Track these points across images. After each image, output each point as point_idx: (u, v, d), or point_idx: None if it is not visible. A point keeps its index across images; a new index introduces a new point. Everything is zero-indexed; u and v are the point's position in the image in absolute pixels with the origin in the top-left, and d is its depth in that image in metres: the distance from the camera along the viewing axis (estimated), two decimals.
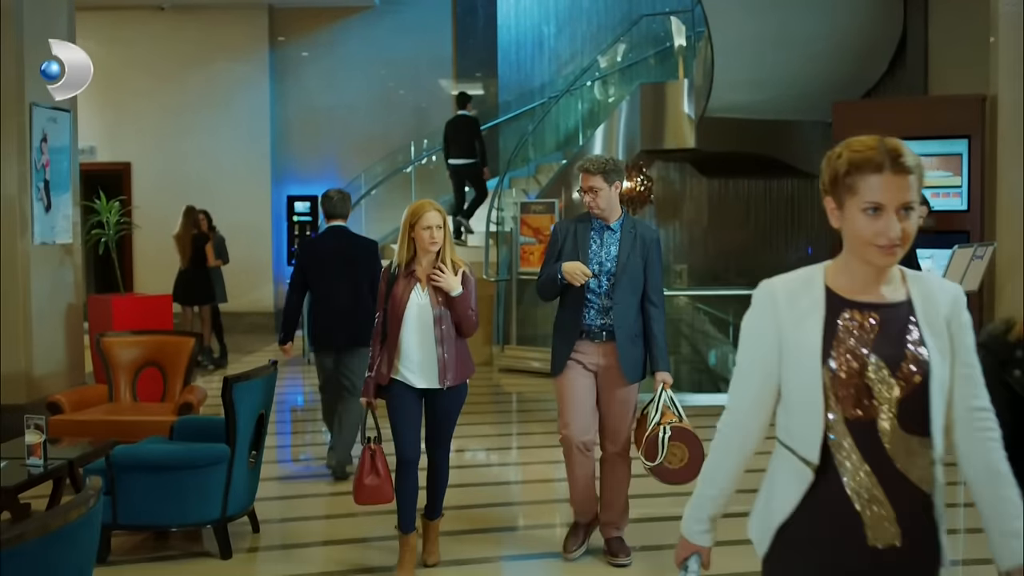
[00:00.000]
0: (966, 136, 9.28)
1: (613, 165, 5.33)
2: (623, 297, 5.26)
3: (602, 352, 5.31)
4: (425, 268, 5.20)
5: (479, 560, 5.60)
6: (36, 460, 5.65)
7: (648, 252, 5.34)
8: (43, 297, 8.56)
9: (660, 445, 5.04)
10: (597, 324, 5.30)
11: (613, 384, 5.34)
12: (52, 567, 2.86)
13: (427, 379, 5.15)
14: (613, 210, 5.36)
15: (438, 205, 5.22)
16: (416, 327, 5.14)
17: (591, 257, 5.31)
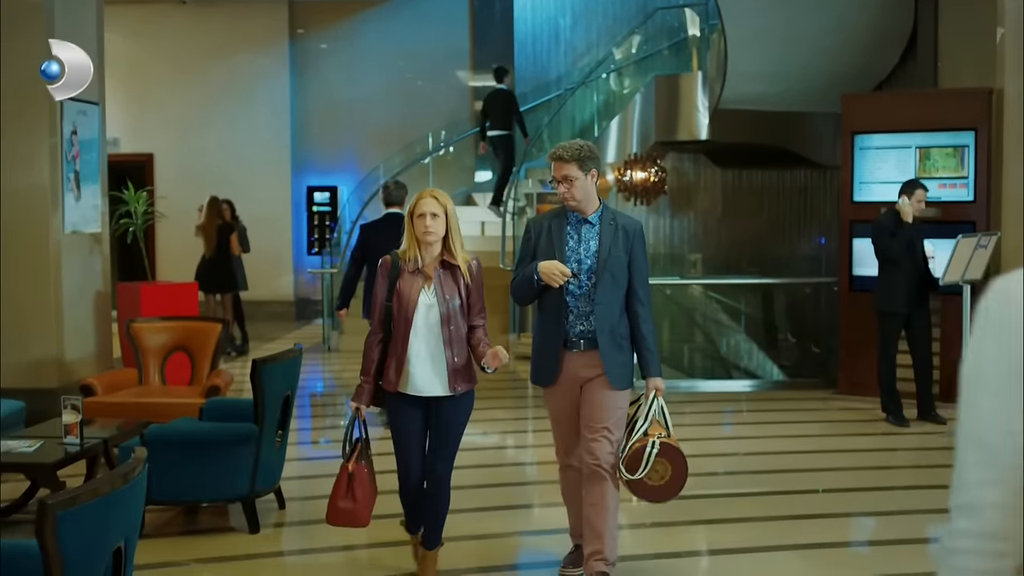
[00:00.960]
0: (973, 128, 9.46)
1: (589, 151, 4.81)
2: (605, 296, 4.77)
3: (583, 361, 4.81)
4: (430, 263, 4.80)
5: (496, 535, 5.85)
6: (73, 439, 5.91)
7: (632, 245, 4.84)
8: (73, 285, 8.83)
9: (645, 459, 4.67)
10: (576, 331, 4.81)
11: (598, 392, 4.81)
12: (104, 527, 3.12)
13: (434, 386, 4.74)
14: (590, 201, 4.84)
15: (439, 192, 4.83)
16: (424, 329, 4.73)
17: (568, 255, 4.80)
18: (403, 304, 4.75)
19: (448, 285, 4.77)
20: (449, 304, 4.74)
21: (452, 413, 4.81)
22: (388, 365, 4.81)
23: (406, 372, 4.74)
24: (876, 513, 6.52)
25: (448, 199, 4.83)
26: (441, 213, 4.74)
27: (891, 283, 8.62)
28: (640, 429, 4.76)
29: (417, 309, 4.73)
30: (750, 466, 7.58)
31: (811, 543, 5.81)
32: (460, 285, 4.78)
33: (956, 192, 9.51)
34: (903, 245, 8.47)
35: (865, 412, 9.17)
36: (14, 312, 8.52)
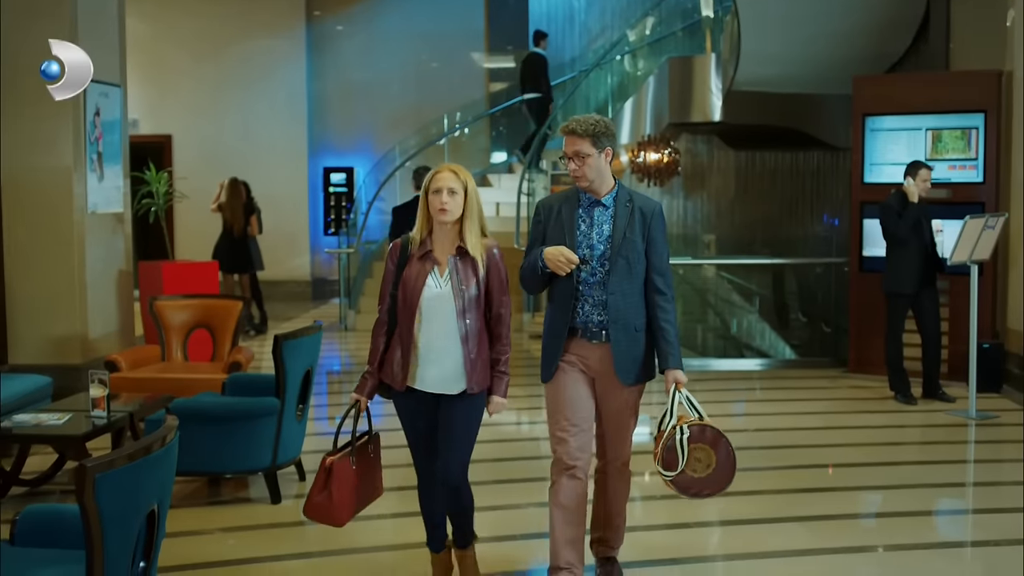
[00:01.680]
0: (983, 110, 9.55)
1: (604, 127, 4.39)
2: (619, 284, 4.40)
3: (600, 353, 4.47)
4: (445, 247, 4.38)
5: (511, 506, 6.02)
6: (100, 412, 6.09)
7: (650, 228, 4.44)
8: (97, 263, 9.00)
9: (680, 449, 4.26)
10: (595, 321, 4.44)
11: (615, 390, 4.50)
12: (138, 490, 3.30)
13: (445, 384, 4.35)
14: (603, 181, 4.44)
15: (460, 168, 4.40)
16: (433, 320, 4.31)
17: (579, 240, 4.43)
18: (408, 291, 4.34)
19: (465, 274, 4.33)
20: (465, 295, 4.32)
21: (464, 412, 4.39)
22: (391, 358, 4.40)
23: (413, 367, 4.35)
24: (882, 487, 6.66)
25: (470, 177, 4.39)
26: (460, 190, 4.30)
27: (899, 263, 8.73)
28: (668, 424, 4.38)
29: (423, 297, 4.31)
30: (760, 441, 7.72)
31: (818, 515, 5.96)
32: (478, 275, 4.35)
33: (965, 173, 9.61)
34: (909, 225, 8.58)
35: (874, 390, 9.30)
36: (40, 290, 8.71)
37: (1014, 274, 9.32)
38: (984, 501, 6.54)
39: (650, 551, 5.21)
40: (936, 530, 5.97)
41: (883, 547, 5.54)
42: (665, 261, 4.51)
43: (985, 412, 8.32)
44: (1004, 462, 7.33)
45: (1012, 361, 9.22)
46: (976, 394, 8.35)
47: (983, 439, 7.87)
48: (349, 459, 4.41)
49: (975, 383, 8.32)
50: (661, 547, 5.27)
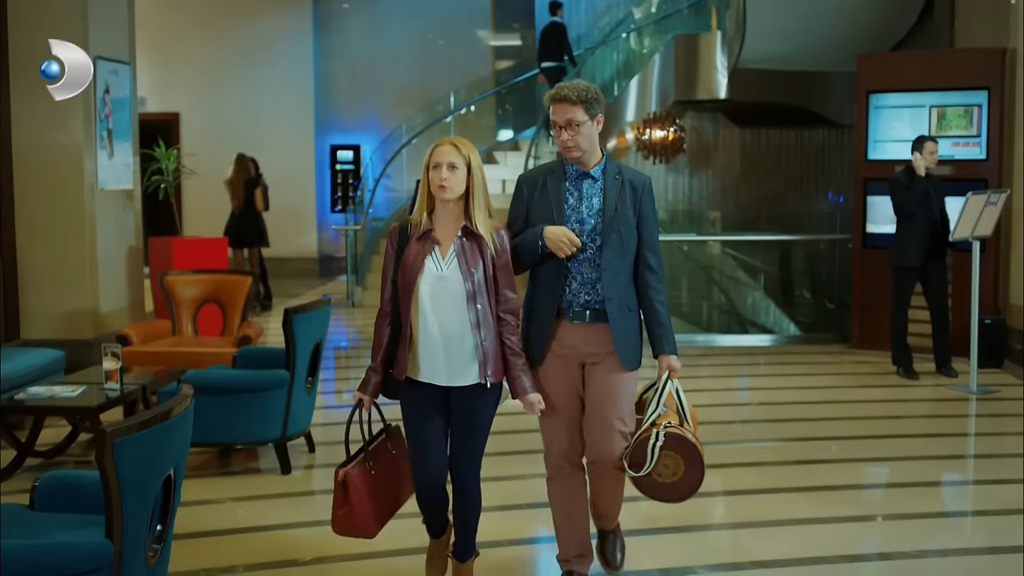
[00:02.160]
0: (986, 88, 9.60)
1: (595, 93, 4.14)
2: (613, 261, 4.13)
3: (586, 335, 4.17)
4: (448, 227, 4.07)
5: (517, 477, 6.12)
6: (113, 384, 6.20)
7: (641, 202, 4.19)
8: (107, 239, 9.09)
9: (650, 452, 4.05)
10: (581, 300, 4.16)
11: (606, 376, 4.19)
12: (156, 454, 3.40)
13: (455, 375, 4.04)
14: (593, 152, 4.18)
15: (462, 141, 4.08)
16: (436, 305, 4.00)
17: (568, 215, 4.15)
18: (406, 275, 4.03)
19: (473, 255, 4.02)
20: (475, 278, 4.00)
21: (478, 407, 4.09)
22: (399, 349, 4.10)
23: (415, 356, 4.05)
24: (883, 459, 6.76)
25: (473, 150, 4.07)
26: (462, 165, 4.00)
27: (906, 238, 8.79)
28: (649, 417, 4.15)
29: (422, 280, 4.00)
30: (763, 415, 7.82)
31: (820, 485, 6.06)
32: (486, 256, 4.04)
33: (969, 150, 9.66)
34: (917, 198, 8.64)
35: (877, 365, 9.39)
36: (51, 266, 8.80)
37: (1016, 250, 9.39)
38: (985, 472, 6.64)
39: (653, 520, 5.31)
40: (937, 500, 6.07)
41: (883, 516, 5.64)
42: (656, 237, 4.24)
43: (986, 387, 8.40)
44: (1005, 435, 7.42)
45: (1014, 336, 9.30)
46: (978, 369, 8.44)
47: (984, 413, 7.95)
48: (366, 465, 4.11)
49: (976, 358, 8.41)
50: (664, 516, 5.36)
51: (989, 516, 5.67)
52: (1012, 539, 5.16)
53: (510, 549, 5.03)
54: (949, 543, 5.25)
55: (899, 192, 8.73)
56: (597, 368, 4.20)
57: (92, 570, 3.23)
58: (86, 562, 3.23)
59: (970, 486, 6.41)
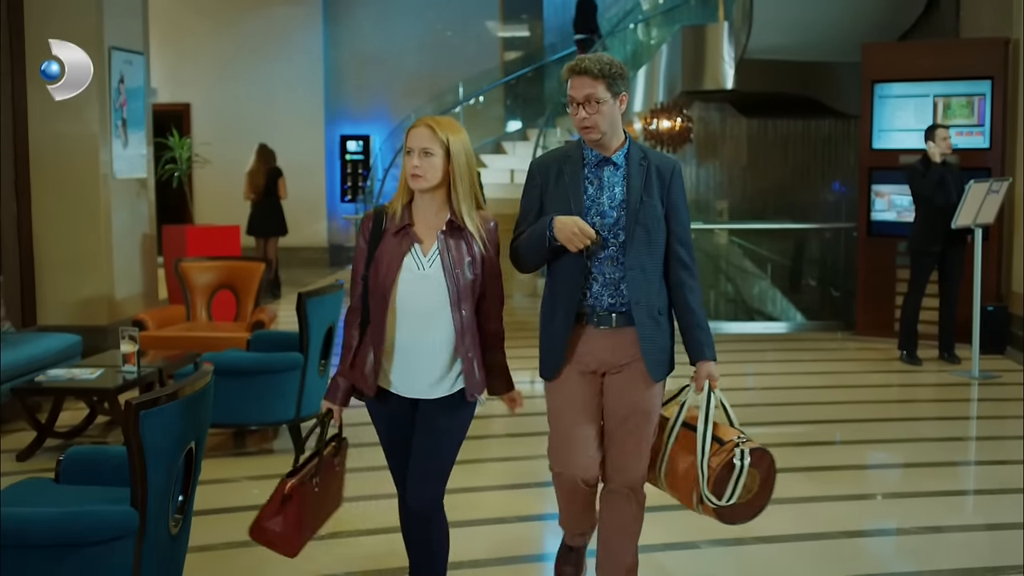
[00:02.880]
0: (989, 77, 9.70)
1: (619, 68, 3.64)
2: (639, 258, 3.66)
3: (612, 343, 3.72)
4: (429, 220, 3.59)
5: (525, 457, 6.25)
6: (131, 367, 6.37)
7: (669, 190, 3.71)
8: (122, 228, 9.24)
9: (735, 478, 3.62)
10: (605, 303, 3.70)
11: (629, 388, 3.74)
12: (179, 427, 3.54)
13: (429, 388, 3.58)
14: (616, 134, 3.70)
15: (441, 120, 3.58)
16: (414, 310, 3.54)
17: (588, 206, 3.68)
18: (380, 276, 3.55)
19: (459, 253, 3.55)
20: (461, 280, 3.54)
21: (453, 421, 3.63)
22: (362, 356, 3.62)
23: (386, 368, 3.60)
24: (884, 440, 6.90)
25: (455, 130, 3.56)
26: (438, 150, 3.51)
27: (923, 223, 8.91)
28: (706, 439, 3.68)
29: (399, 281, 3.53)
30: (766, 399, 7.96)
31: (821, 466, 6.20)
32: (475, 254, 3.57)
33: (972, 139, 9.77)
34: (933, 184, 8.73)
35: (880, 352, 9.51)
36: (67, 254, 8.96)
37: (1018, 238, 9.50)
38: (985, 454, 6.78)
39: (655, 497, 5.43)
40: (937, 480, 6.18)
41: (883, 495, 5.78)
42: (688, 230, 3.78)
43: (988, 372, 8.52)
44: (1006, 418, 7.54)
45: (1016, 323, 9.40)
46: (980, 355, 8.55)
47: (986, 397, 8.08)
48: (312, 480, 3.62)
49: (978, 344, 8.52)
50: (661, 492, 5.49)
51: (988, 495, 5.81)
52: (1011, 516, 5.28)
53: (518, 526, 5.17)
54: (948, 520, 5.37)
55: (915, 179, 8.85)
56: (620, 378, 3.74)
57: (118, 537, 3.37)
58: (113, 529, 3.37)
59: (971, 467, 6.54)
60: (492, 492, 5.67)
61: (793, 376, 8.98)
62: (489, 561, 4.68)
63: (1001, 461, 6.35)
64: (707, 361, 3.74)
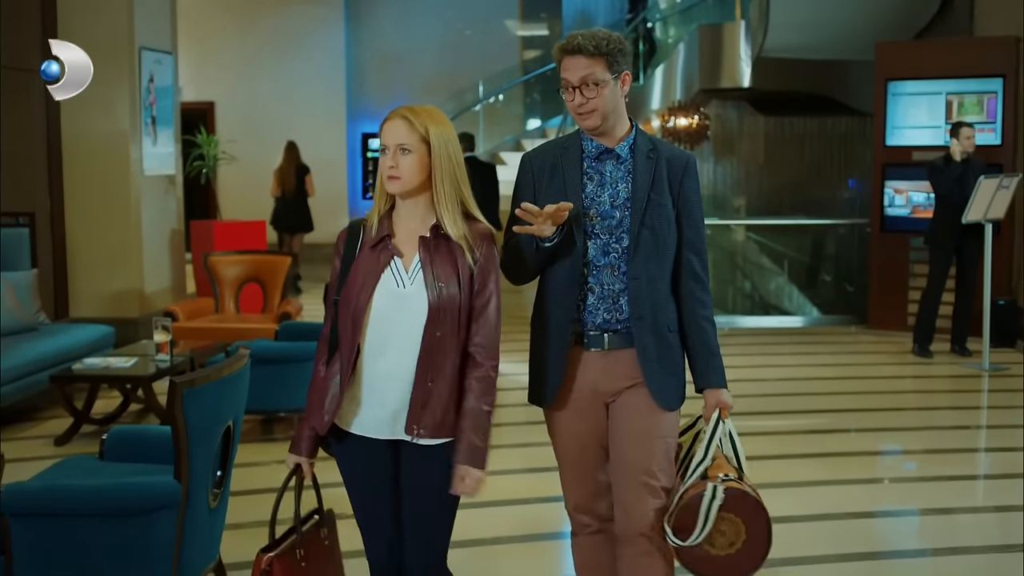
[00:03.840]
0: (1001, 75, 9.86)
1: (618, 43, 3.12)
2: (644, 265, 3.14)
3: (603, 368, 3.19)
4: (413, 230, 3.04)
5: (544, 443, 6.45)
6: (164, 356, 6.60)
7: (682, 188, 3.19)
8: (152, 223, 9.49)
9: (703, 514, 3.09)
10: (598, 320, 3.17)
11: (633, 416, 3.20)
12: (218, 406, 3.77)
13: (399, 425, 3.00)
14: (619, 121, 3.19)
15: (420, 110, 3.04)
16: (391, 334, 2.97)
17: (586, 206, 3.17)
18: (353, 293, 2.99)
19: (442, 265, 2.99)
20: (442, 295, 2.96)
21: (441, 475, 3.01)
22: (322, 387, 3.06)
23: (352, 399, 3.02)
24: (893, 429, 7.08)
25: (436, 119, 3.04)
26: (417, 146, 2.98)
27: (940, 218, 9.11)
28: (696, 469, 3.17)
29: (374, 300, 2.98)
30: (778, 389, 8.15)
31: (831, 452, 6.39)
32: (459, 267, 3.00)
33: (984, 136, 9.91)
34: (950, 181, 8.89)
35: (892, 345, 9.68)
36: (99, 248, 9.21)
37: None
38: (993, 442, 6.95)
39: None
40: (945, 465, 6.35)
41: (890, 479, 5.97)
42: (702, 234, 3.26)
43: (998, 364, 8.68)
44: (1016, 408, 7.69)
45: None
46: (990, 348, 8.71)
47: (996, 388, 8.24)
48: (295, 552, 3.10)
49: (988, 337, 8.68)
50: None
51: (995, 480, 6.00)
52: (1017, 499, 5.45)
53: (538, 507, 5.37)
54: (955, 502, 5.55)
55: (934, 176, 9.05)
56: (622, 406, 3.22)
57: (163, 507, 3.59)
58: (159, 499, 3.59)
59: (981, 453, 6.72)
60: (513, 475, 5.87)
61: (804, 368, 9.16)
62: (511, 539, 4.90)
63: (1009, 448, 6.52)
64: (716, 389, 3.23)
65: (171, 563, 3.63)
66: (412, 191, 3.01)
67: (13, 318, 7.30)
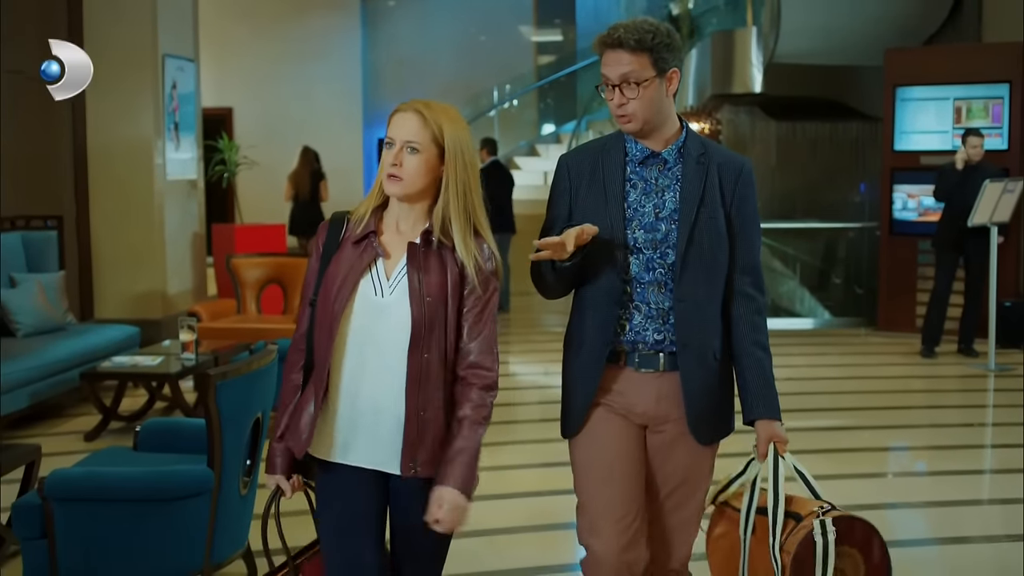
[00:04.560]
0: (1008, 81, 10.03)
1: (666, 37, 2.81)
2: (694, 286, 2.84)
3: (658, 391, 2.91)
4: (406, 232, 2.73)
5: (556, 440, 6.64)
6: (189, 355, 6.82)
7: (736, 199, 2.88)
8: (174, 226, 9.72)
9: (820, 558, 2.82)
10: (649, 339, 2.88)
11: (675, 452, 2.95)
12: (249, 398, 3.97)
13: (385, 456, 2.69)
14: (666, 122, 2.86)
15: (434, 106, 2.70)
16: (372, 347, 2.67)
17: (629, 216, 2.85)
18: (329, 296, 2.70)
19: (428, 275, 2.67)
20: (426, 310, 2.64)
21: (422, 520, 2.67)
22: (299, 406, 2.74)
23: (327, 424, 2.70)
24: (898, 426, 7.27)
25: (453, 119, 2.70)
26: (428, 145, 2.67)
27: (943, 221, 9.33)
28: (775, 517, 2.90)
29: (352, 305, 2.67)
30: (785, 388, 8.28)
31: (837, 448, 6.57)
32: (450, 278, 2.68)
33: (991, 141, 10.07)
34: (950, 185, 9.11)
35: (900, 346, 9.85)
36: (123, 251, 9.45)
37: None
38: (998, 438, 7.13)
39: None
40: (949, 460, 6.50)
41: (894, 474, 6.15)
42: (757, 251, 2.95)
43: (1004, 365, 8.84)
44: (1020, 407, 7.86)
45: None
46: (996, 348, 8.87)
47: (1001, 388, 8.40)
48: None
49: (994, 337, 8.84)
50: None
51: (998, 474, 6.17)
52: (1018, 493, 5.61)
53: (549, 499, 5.55)
54: (958, 495, 5.73)
55: (938, 180, 9.27)
56: (664, 438, 2.95)
57: (196, 493, 3.80)
58: (193, 486, 3.79)
59: (984, 449, 6.89)
60: (523, 470, 6.07)
61: (813, 368, 9.34)
62: (522, 528, 5.09)
63: (1012, 444, 6.68)
64: (768, 420, 2.93)
65: (204, 547, 3.83)
66: (413, 196, 2.69)
67: (44, 317, 7.54)
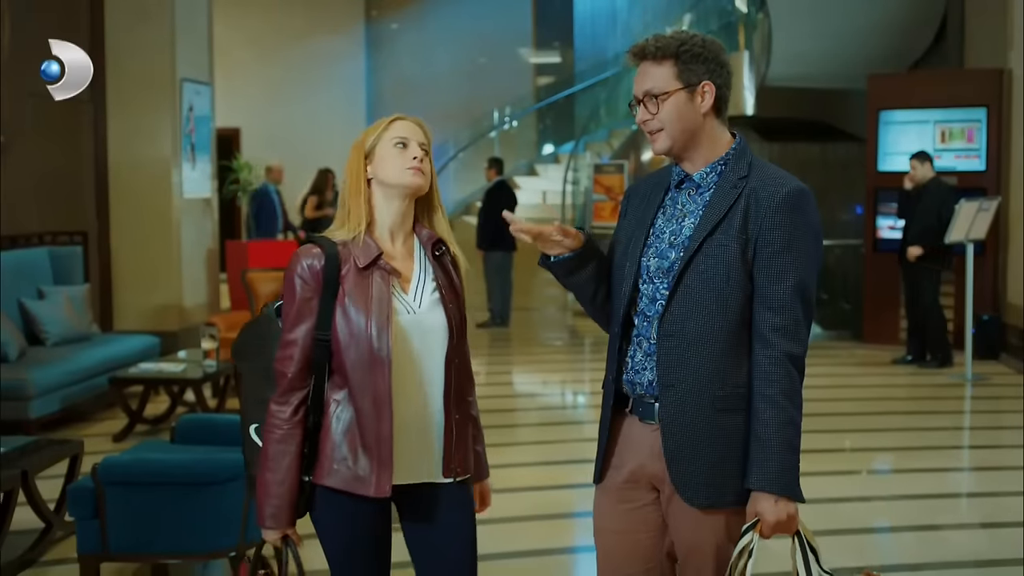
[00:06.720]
0: (985, 105, 10.51)
1: (698, 47, 2.57)
2: (682, 322, 2.53)
3: (651, 447, 2.61)
4: (398, 245, 2.70)
5: (559, 441, 7.09)
6: (211, 362, 7.26)
7: (766, 224, 2.52)
8: (190, 242, 10.18)
9: None
10: (644, 381, 2.60)
11: (679, 517, 2.59)
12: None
13: (425, 468, 2.63)
14: (699, 142, 2.60)
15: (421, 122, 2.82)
16: (410, 370, 2.60)
17: (650, 241, 2.63)
18: (366, 330, 2.55)
19: (448, 284, 2.70)
20: (455, 319, 2.66)
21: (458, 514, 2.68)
22: (327, 443, 2.60)
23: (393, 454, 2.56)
24: (877, 430, 7.71)
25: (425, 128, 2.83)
26: (428, 150, 2.77)
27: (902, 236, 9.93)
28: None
29: (398, 332, 2.58)
30: None
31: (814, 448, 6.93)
32: (457, 285, 2.73)
33: (969, 162, 10.57)
34: (899, 207, 9.88)
35: (881, 357, 10.30)
36: (142, 266, 9.90)
37: (1013, 252, 10.26)
38: (971, 440, 7.59)
39: None
40: (922, 460, 6.92)
41: (867, 471, 6.59)
42: (791, 287, 2.55)
43: (980, 375, 9.29)
44: (1000, 412, 8.36)
45: (1011, 332, 10.16)
46: (973, 360, 9.32)
47: (977, 396, 8.86)
48: None
49: (971, 349, 9.30)
50: None
51: (972, 472, 6.64)
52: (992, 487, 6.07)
53: (552, 492, 5.99)
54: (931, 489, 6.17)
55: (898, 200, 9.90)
56: (665, 504, 2.62)
57: (233, 478, 4.23)
58: (230, 471, 4.23)
59: (959, 450, 7.35)
60: (528, 467, 6.50)
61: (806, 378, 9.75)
62: (527, 518, 5.52)
63: (984, 446, 7.16)
64: (760, 493, 2.48)
65: (240, 527, 4.27)
66: (424, 189, 2.73)
67: (71, 328, 7.99)
